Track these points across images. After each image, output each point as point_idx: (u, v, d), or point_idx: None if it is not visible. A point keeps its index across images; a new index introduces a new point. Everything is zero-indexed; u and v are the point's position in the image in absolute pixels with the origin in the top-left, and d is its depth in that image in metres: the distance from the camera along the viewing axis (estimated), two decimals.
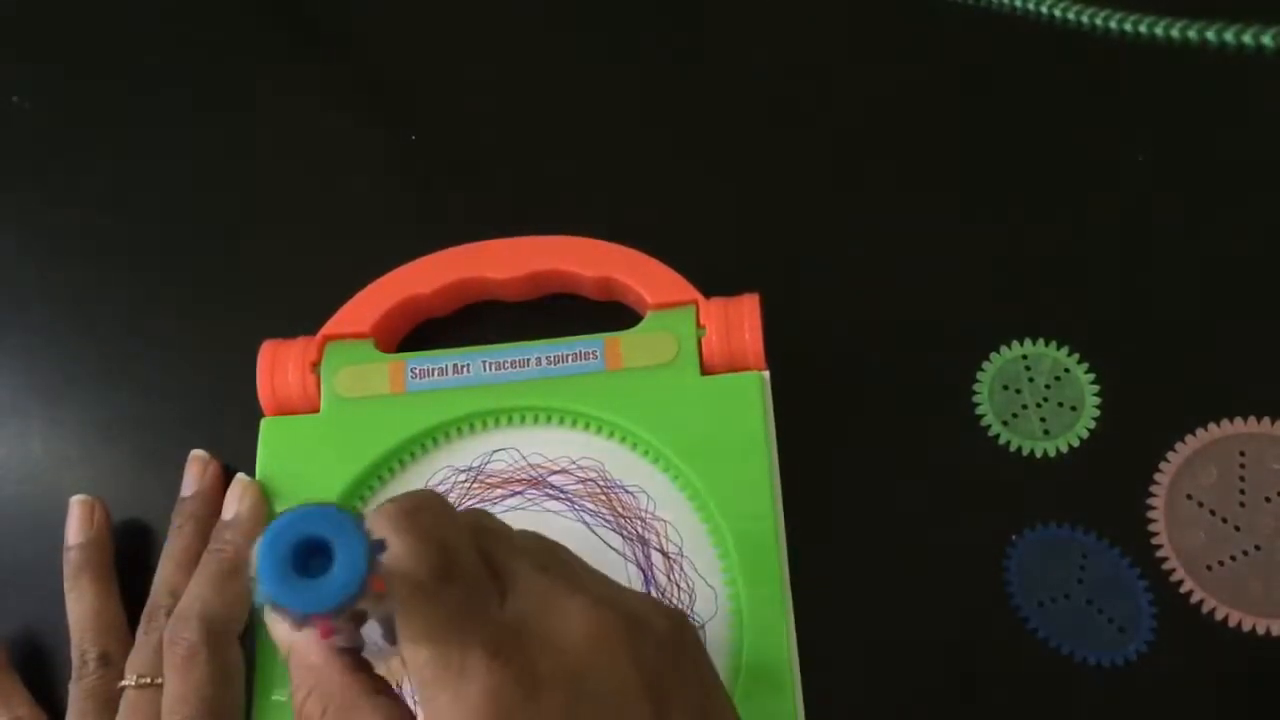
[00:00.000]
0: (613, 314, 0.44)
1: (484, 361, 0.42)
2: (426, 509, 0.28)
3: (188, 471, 0.42)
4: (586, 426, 0.41)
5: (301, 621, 0.24)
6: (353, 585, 0.24)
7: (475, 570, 0.28)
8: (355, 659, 0.29)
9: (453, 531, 0.28)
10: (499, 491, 0.41)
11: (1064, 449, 0.41)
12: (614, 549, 0.40)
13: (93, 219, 0.48)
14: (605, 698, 0.27)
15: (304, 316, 0.43)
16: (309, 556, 0.24)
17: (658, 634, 0.29)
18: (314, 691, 0.28)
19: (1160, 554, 0.40)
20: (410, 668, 0.27)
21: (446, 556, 0.27)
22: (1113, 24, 0.47)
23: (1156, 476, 0.41)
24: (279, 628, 0.30)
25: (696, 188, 0.46)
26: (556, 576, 0.29)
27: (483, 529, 0.30)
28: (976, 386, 0.43)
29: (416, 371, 0.42)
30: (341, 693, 0.28)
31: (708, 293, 0.42)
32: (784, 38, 0.49)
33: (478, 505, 0.41)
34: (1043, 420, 0.42)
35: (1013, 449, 0.42)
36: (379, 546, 0.25)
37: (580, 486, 0.40)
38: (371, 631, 0.28)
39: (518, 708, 0.26)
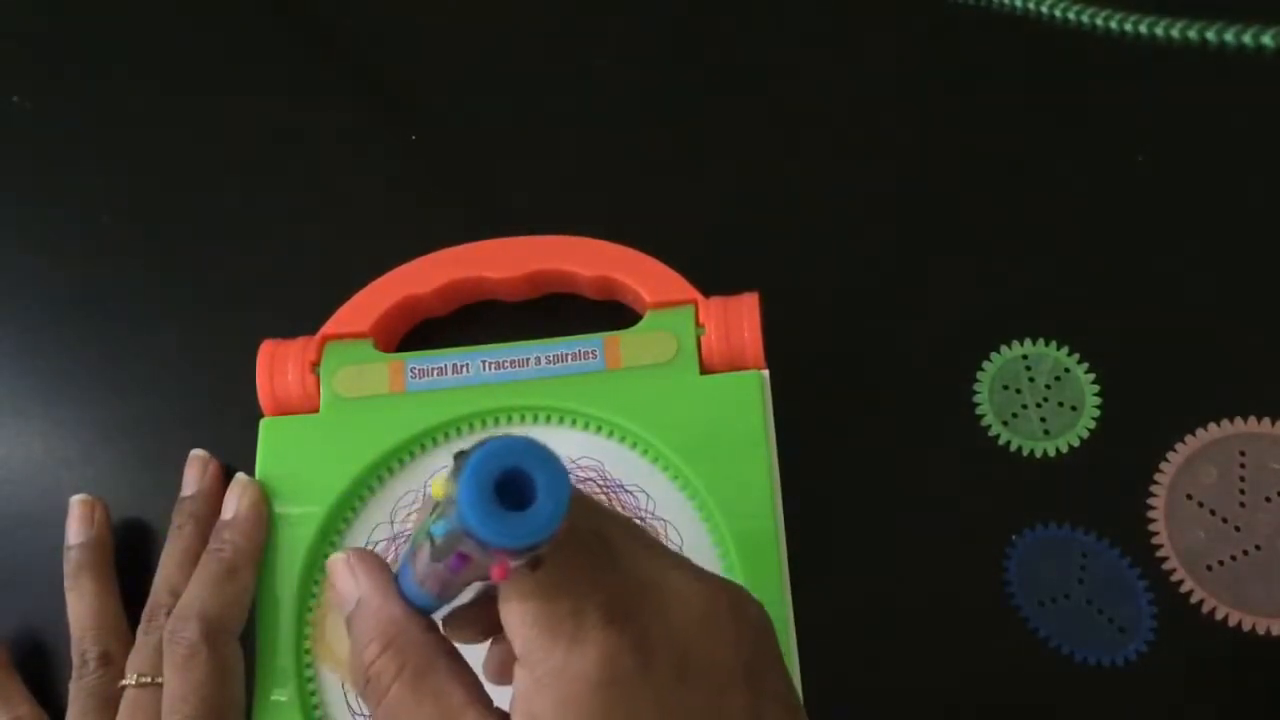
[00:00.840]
0: (612, 313, 0.44)
1: (483, 361, 0.41)
2: None
3: (188, 471, 0.42)
4: (586, 426, 0.41)
5: (482, 557, 0.23)
6: (557, 519, 0.23)
7: (585, 533, 0.27)
8: (428, 618, 0.28)
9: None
10: None
11: (1064, 449, 0.41)
12: None
13: (93, 219, 0.48)
14: (709, 677, 0.27)
15: (304, 316, 0.43)
16: (500, 491, 0.23)
17: (752, 619, 0.29)
18: (390, 647, 0.27)
19: (1160, 554, 0.40)
20: (515, 628, 0.26)
21: None
22: (1113, 24, 0.47)
23: (1156, 476, 0.41)
24: (344, 579, 0.29)
25: (696, 188, 0.46)
26: (657, 551, 0.28)
27: (581, 498, 0.28)
28: (976, 386, 0.43)
29: (416, 371, 0.41)
30: (420, 650, 0.27)
31: (707, 292, 0.42)
32: (784, 37, 0.49)
33: None
34: (1043, 420, 0.42)
35: (1013, 449, 0.42)
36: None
37: (580, 486, 0.40)
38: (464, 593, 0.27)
39: (631, 675, 0.25)
